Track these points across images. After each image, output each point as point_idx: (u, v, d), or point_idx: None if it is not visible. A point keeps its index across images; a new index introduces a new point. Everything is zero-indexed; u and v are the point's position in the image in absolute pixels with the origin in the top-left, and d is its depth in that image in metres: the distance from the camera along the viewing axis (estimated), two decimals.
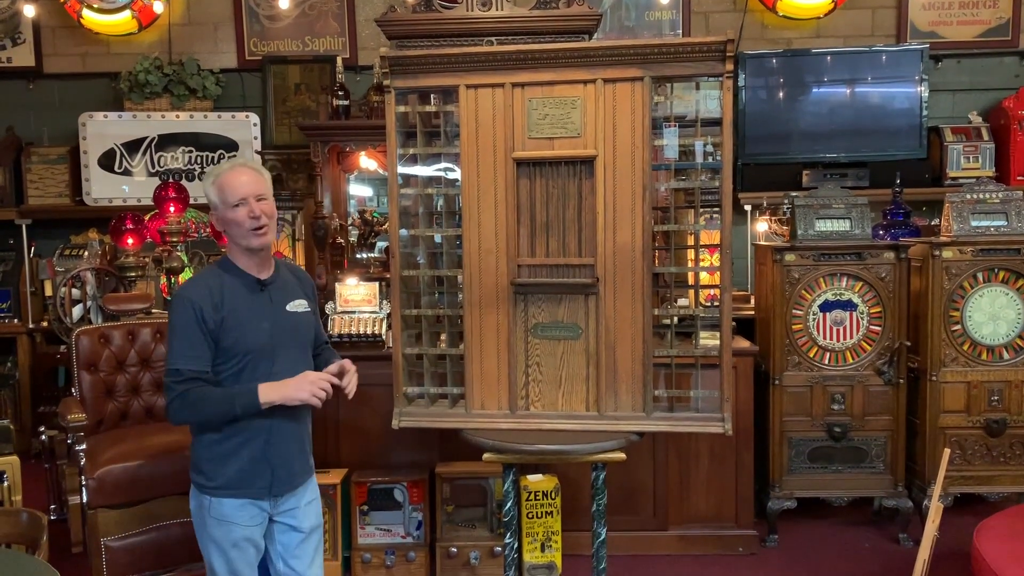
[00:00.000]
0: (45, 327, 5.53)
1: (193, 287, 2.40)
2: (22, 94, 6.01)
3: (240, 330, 2.36)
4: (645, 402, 2.62)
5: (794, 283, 4.06)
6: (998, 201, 4.05)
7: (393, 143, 2.53)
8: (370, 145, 4.31)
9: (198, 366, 2.33)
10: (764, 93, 5.65)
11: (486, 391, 2.62)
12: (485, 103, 2.53)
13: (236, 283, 2.40)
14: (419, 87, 2.55)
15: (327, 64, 5.70)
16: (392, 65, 2.49)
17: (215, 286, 2.37)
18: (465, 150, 2.55)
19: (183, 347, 2.33)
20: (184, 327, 2.33)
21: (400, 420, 2.66)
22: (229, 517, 2.41)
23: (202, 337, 2.32)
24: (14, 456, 3.90)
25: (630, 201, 2.55)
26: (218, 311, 2.33)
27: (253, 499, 2.43)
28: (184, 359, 2.32)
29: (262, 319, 2.40)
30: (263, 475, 2.42)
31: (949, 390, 4.03)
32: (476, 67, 2.50)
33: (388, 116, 2.53)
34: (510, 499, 2.73)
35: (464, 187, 2.57)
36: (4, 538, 2.71)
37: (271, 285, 2.46)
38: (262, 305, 2.42)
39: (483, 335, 2.60)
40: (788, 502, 4.09)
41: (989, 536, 3.04)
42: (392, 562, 3.78)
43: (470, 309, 2.61)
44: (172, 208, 4.60)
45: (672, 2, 5.79)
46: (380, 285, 4.11)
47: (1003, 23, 5.79)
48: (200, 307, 2.32)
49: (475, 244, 2.57)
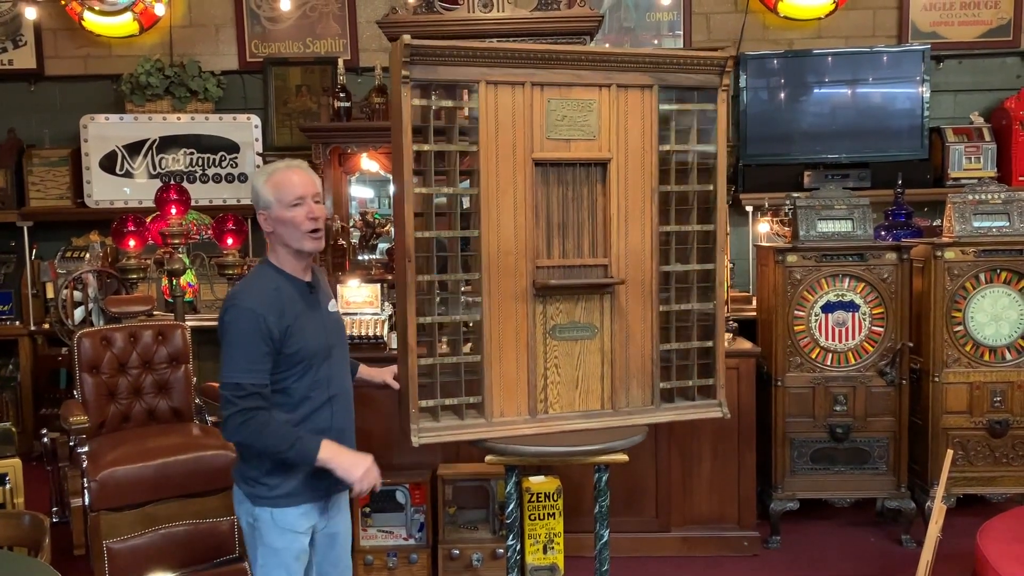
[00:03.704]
0: (47, 329, 5.53)
1: (254, 296, 2.29)
2: (23, 96, 6.02)
3: (303, 336, 2.31)
4: (654, 396, 2.69)
5: (796, 284, 4.06)
6: (1000, 202, 4.05)
7: (408, 138, 2.40)
8: (371, 147, 4.31)
9: (260, 380, 2.26)
10: (765, 94, 5.64)
11: (505, 397, 2.56)
12: (505, 101, 2.48)
13: (291, 288, 2.35)
14: (438, 79, 2.44)
15: (328, 66, 5.70)
16: (413, 54, 2.37)
17: (274, 293, 2.30)
18: (484, 148, 2.48)
19: (245, 360, 2.24)
20: (246, 338, 2.24)
21: (420, 437, 2.50)
22: (294, 526, 2.36)
23: (265, 349, 2.25)
24: (16, 458, 3.89)
25: (640, 203, 2.63)
26: (283, 319, 2.27)
27: (314, 502, 2.39)
28: (247, 373, 2.24)
29: (318, 323, 2.38)
30: (324, 476, 2.34)
31: (951, 391, 4.03)
32: (498, 63, 2.44)
33: (404, 108, 2.39)
34: (512, 501, 2.73)
35: (483, 187, 2.50)
36: (6, 541, 2.71)
37: (316, 287, 2.43)
38: (313, 308, 2.39)
39: (502, 339, 2.54)
40: (791, 503, 4.08)
41: (992, 537, 3.04)
42: (394, 564, 3.78)
43: (488, 313, 2.53)
44: (174, 210, 4.60)
45: (673, 3, 5.79)
46: (382, 287, 4.11)
47: (1004, 23, 5.78)
48: (264, 317, 2.24)
49: (494, 246, 2.51)
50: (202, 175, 5.79)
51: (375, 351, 3.95)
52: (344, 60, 5.12)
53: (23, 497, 3.88)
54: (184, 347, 4.11)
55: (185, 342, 4.12)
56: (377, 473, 2.34)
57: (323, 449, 2.27)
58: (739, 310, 4.68)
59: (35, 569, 2.39)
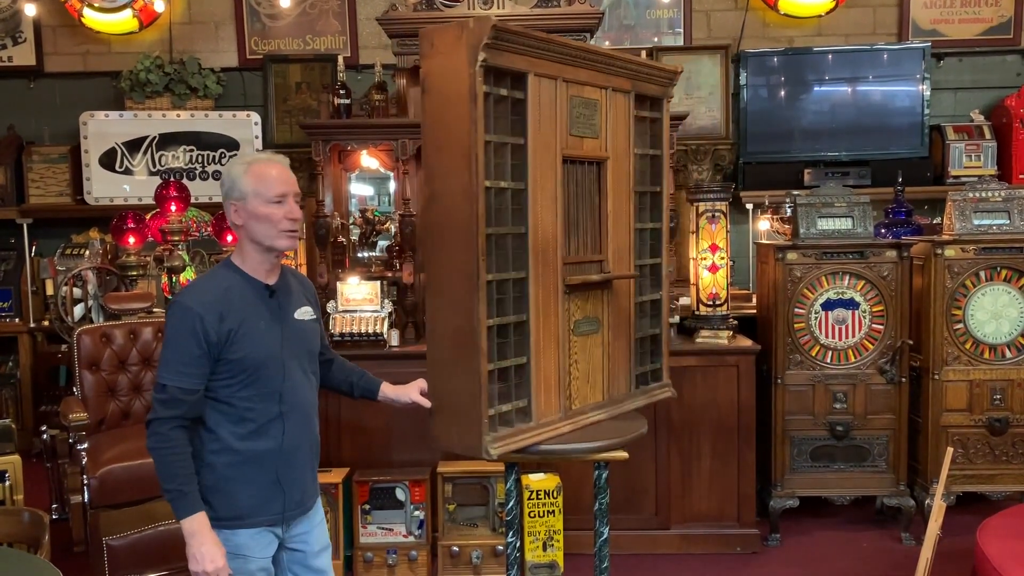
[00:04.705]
0: (46, 326, 5.53)
1: (196, 294, 2.17)
2: (23, 93, 6.02)
3: (250, 341, 2.16)
4: (630, 383, 2.80)
5: (796, 282, 4.06)
6: (1000, 200, 4.05)
7: (481, 127, 2.20)
8: (371, 144, 4.31)
9: (188, 384, 2.11)
10: (765, 92, 5.64)
11: (545, 397, 2.50)
12: (547, 94, 2.41)
13: (245, 290, 2.20)
14: (500, 66, 2.27)
15: (328, 63, 5.70)
16: (496, 37, 2.17)
17: (221, 294, 2.16)
18: (531, 142, 2.38)
19: (176, 361, 2.11)
20: (180, 338, 2.11)
21: (495, 448, 2.31)
22: (244, 549, 2.20)
23: (198, 352, 2.11)
24: (16, 455, 3.89)
25: (625, 202, 2.71)
26: (224, 322, 2.13)
27: (268, 526, 2.24)
28: (174, 375, 2.11)
29: (272, 328, 2.22)
30: (276, 500, 2.23)
31: (951, 389, 4.03)
32: (544, 55, 2.37)
33: (478, 95, 2.18)
34: (512, 498, 2.73)
35: (530, 181, 2.39)
36: (6, 537, 2.71)
37: (279, 291, 2.28)
38: (272, 313, 2.23)
39: (544, 338, 2.48)
40: (790, 501, 4.08)
41: (992, 535, 3.04)
42: (394, 561, 3.78)
43: (534, 312, 2.44)
44: (173, 207, 4.60)
45: (673, 0, 5.79)
46: (381, 284, 4.11)
47: (1005, 21, 5.78)
48: (202, 317, 2.10)
49: (539, 242, 2.43)
50: (202, 172, 5.79)
51: (375, 348, 3.96)
52: (344, 57, 5.11)
53: (23, 494, 3.88)
54: None
55: None
56: (220, 567, 2.11)
57: (192, 521, 2.10)
58: (739, 308, 4.68)
59: (35, 566, 2.39)
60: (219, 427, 2.18)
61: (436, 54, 2.26)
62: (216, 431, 2.19)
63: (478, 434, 2.28)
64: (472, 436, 2.29)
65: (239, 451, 2.19)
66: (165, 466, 2.11)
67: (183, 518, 2.11)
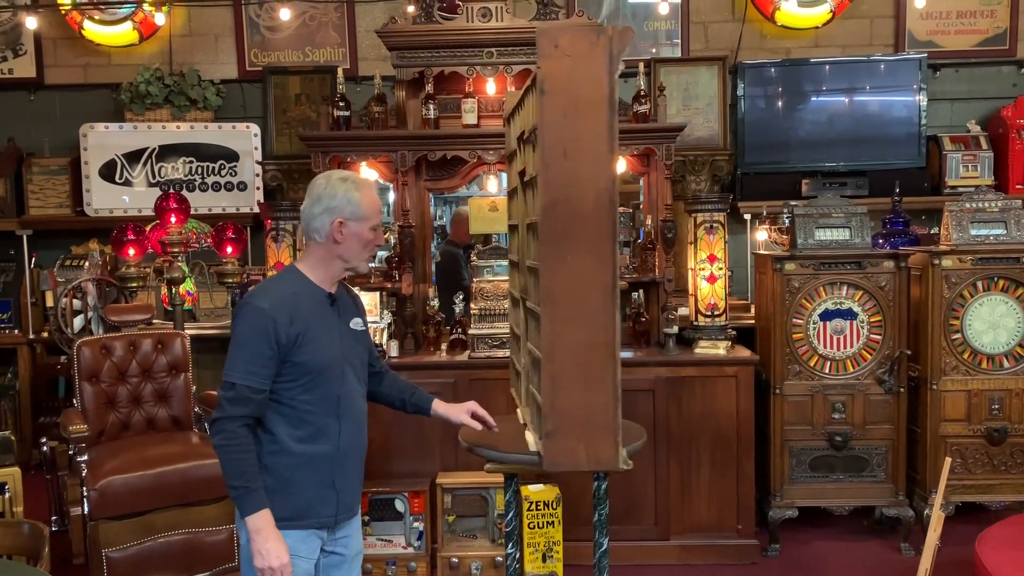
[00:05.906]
0: (46, 338, 5.53)
1: (267, 296, 2.22)
2: (23, 105, 6.03)
3: (314, 346, 2.22)
4: None
5: (794, 292, 4.07)
6: (997, 210, 4.06)
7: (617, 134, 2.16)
8: (371, 156, 4.33)
9: (256, 383, 2.16)
10: (763, 102, 5.67)
11: None
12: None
13: (310, 296, 2.27)
14: None
15: (327, 75, 5.72)
16: None
17: (290, 297, 2.22)
18: None
19: (245, 360, 2.16)
20: (251, 338, 2.16)
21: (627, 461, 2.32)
22: (294, 550, 2.21)
23: (269, 352, 2.16)
24: (15, 467, 3.89)
25: None
26: (293, 325, 2.18)
27: (318, 528, 2.29)
28: (244, 374, 2.15)
29: (333, 335, 2.28)
30: (330, 502, 2.28)
31: (950, 399, 4.04)
32: None
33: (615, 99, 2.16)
34: (512, 509, 2.73)
35: None
36: (5, 550, 2.71)
37: (339, 300, 2.35)
38: (333, 320, 2.30)
39: None
40: (789, 511, 4.08)
41: (991, 545, 3.05)
42: (393, 573, 3.78)
43: None
44: (173, 218, 4.61)
45: (671, 12, 5.82)
46: (381, 295, 4.12)
47: (1001, 32, 5.81)
48: (274, 319, 2.16)
49: None
50: (201, 184, 5.80)
51: None
52: (343, 69, 5.12)
53: (22, 506, 3.88)
54: (183, 355, 4.11)
55: (184, 350, 4.12)
56: (285, 563, 2.16)
57: (258, 518, 2.14)
58: (738, 318, 4.69)
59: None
60: (278, 429, 2.23)
61: (562, 56, 2.17)
62: (275, 432, 2.24)
63: (613, 446, 2.25)
64: (606, 450, 2.26)
65: (297, 453, 2.24)
66: (232, 463, 2.16)
67: (249, 515, 2.15)
